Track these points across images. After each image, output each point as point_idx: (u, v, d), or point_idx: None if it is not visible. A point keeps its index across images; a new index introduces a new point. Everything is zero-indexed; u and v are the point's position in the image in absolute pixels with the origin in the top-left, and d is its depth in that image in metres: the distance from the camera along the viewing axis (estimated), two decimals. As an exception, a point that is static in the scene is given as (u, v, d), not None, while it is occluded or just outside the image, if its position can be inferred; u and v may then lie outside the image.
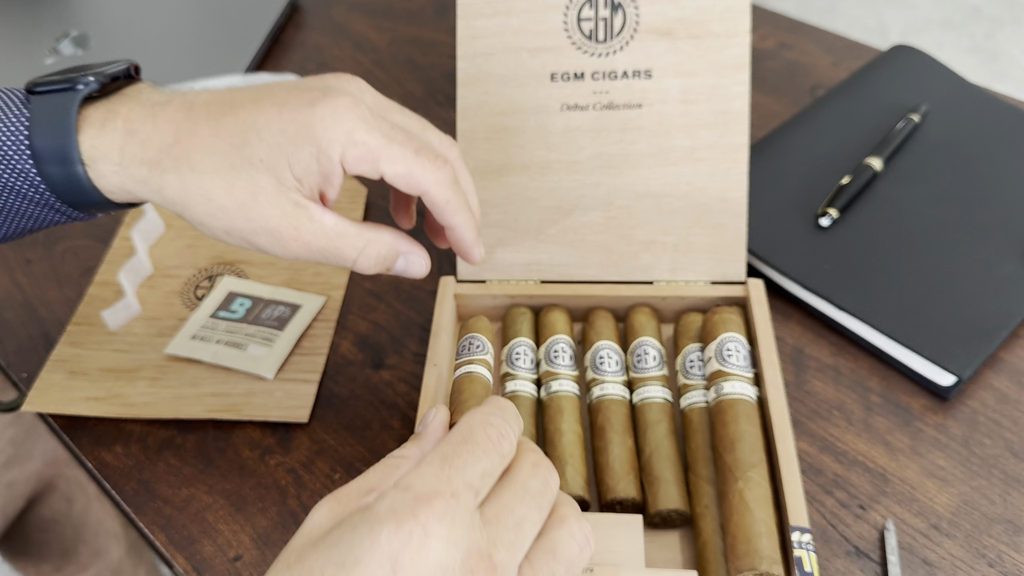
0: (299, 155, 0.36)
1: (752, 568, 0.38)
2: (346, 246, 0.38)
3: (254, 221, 0.36)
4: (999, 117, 0.64)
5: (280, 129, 0.36)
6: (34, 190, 0.39)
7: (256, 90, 0.38)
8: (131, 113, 0.37)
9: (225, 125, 0.36)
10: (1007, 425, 0.48)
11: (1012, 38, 2.08)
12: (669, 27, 0.51)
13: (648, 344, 0.49)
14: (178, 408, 0.51)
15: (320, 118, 0.35)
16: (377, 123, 0.36)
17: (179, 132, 0.37)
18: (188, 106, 0.37)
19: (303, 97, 0.36)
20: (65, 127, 0.37)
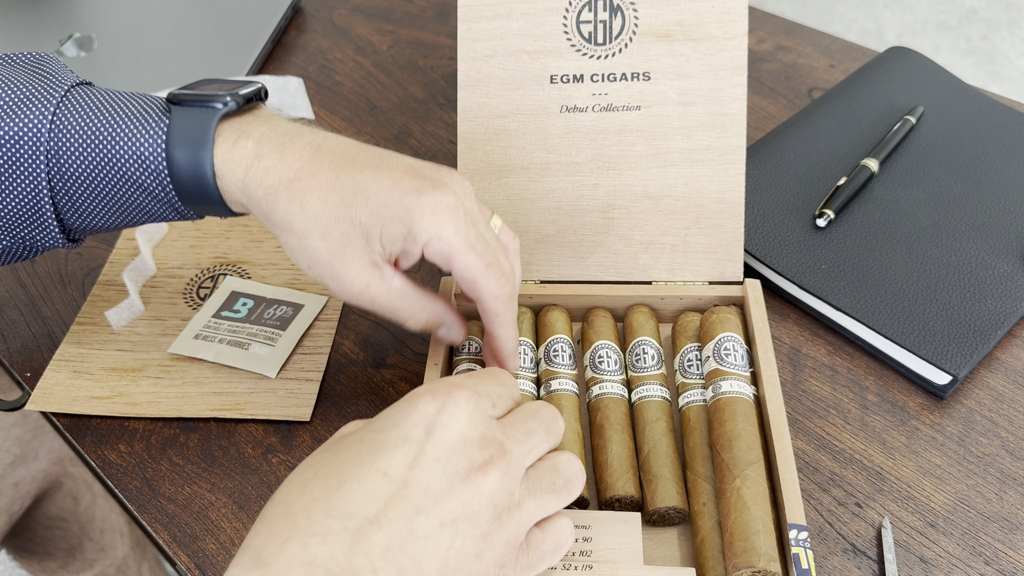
0: (392, 230, 0.40)
1: (750, 565, 0.39)
2: (403, 308, 0.43)
3: (335, 268, 0.41)
4: (995, 118, 0.64)
5: (386, 203, 0.40)
6: (163, 190, 0.43)
7: (378, 157, 0.42)
8: (262, 136, 0.41)
9: (343, 181, 0.40)
10: (1003, 424, 0.49)
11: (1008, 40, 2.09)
12: (667, 30, 0.51)
13: (646, 343, 0.50)
14: (181, 407, 0.51)
15: (421, 207, 0.40)
16: (465, 230, 0.40)
17: (301, 170, 0.40)
18: (316, 148, 0.41)
19: (415, 183, 0.40)
20: (203, 140, 0.41)
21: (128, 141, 0.42)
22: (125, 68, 0.77)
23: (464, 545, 0.33)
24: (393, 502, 0.32)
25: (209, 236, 0.62)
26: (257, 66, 0.78)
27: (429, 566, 0.32)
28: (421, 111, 0.74)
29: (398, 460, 0.33)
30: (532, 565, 0.36)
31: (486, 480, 0.34)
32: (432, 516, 0.33)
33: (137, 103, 0.43)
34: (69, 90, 0.43)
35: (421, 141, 0.71)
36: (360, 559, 0.31)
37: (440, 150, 0.70)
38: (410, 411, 0.35)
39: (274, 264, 0.60)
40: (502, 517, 0.34)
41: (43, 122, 0.42)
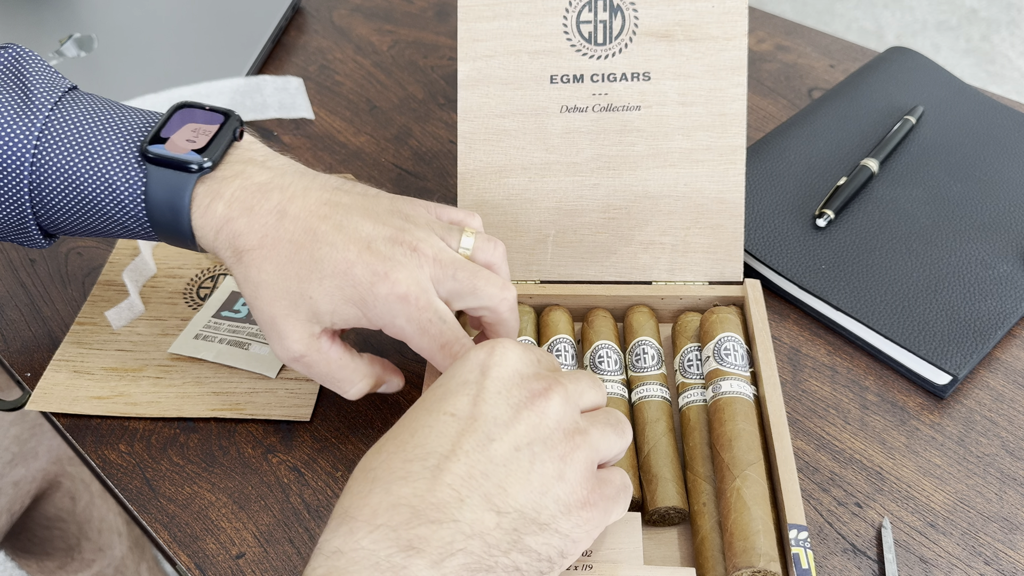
0: (346, 312, 0.42)
1: (749, 565, 0.39)
2: (342, 377, 0.45)
3: (277, 332, 0.43)
4: (995, 118, 0.64)
5: (339, 287, 0.41)
6: (142, 229, 0.45)
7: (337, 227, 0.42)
8: (233, 199, 0.43)
9: (301, 257, 0.42)
10: (1003, 424, 0.49)
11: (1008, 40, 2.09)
12: (667, 30, 0.51)
13: (646, 343, 0.50)
14: (181, 407, 0.51)
15: (374, 297, 0.41)
16: (419, 315, 0.41)
17: (264, 239, 0.42)
18: (281, 213, 0.42)
19: (370, 267, 0.41)
20: (179, 206, 0.43)
21: (108, 188, 0.44)
22: (125, 68, 0.77)
23: (544, 468, 0.34)
24: (465, 435, 0.34)
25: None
26: (257, 66, 0.78)
27: (515, 490, 0.34)
28: (421, 111, 0.74)
29: (461, 401, 0.36)
30: (613, 496, 0.37)
31: (549, 404, 0.36)
32: (505, 441, 0.34)
33: (115, 139, 0.44)
34: (50, 114, 0.44)
35: (421, 141, 0.71)
36: (444, 491, 0.33)
37: (440, 150, 0.70)
38: (463, 362, 0.38)
39: (274, 264, 0.60)
40: (574, 438, 0.36)
41: (25, 153, 0.43)
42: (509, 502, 0.33)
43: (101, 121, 0.45)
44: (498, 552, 0.33)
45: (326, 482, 0.48)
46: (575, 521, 0.35)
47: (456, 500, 0.33)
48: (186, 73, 0.75)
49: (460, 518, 0.32)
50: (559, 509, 0.34)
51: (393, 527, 0.32)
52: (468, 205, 0.54)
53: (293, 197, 0.43)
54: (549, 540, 0.34)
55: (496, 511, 0.33)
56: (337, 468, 0.49)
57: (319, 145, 0.71)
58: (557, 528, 0.34)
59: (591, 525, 0.35)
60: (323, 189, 0.44)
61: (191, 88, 0.72)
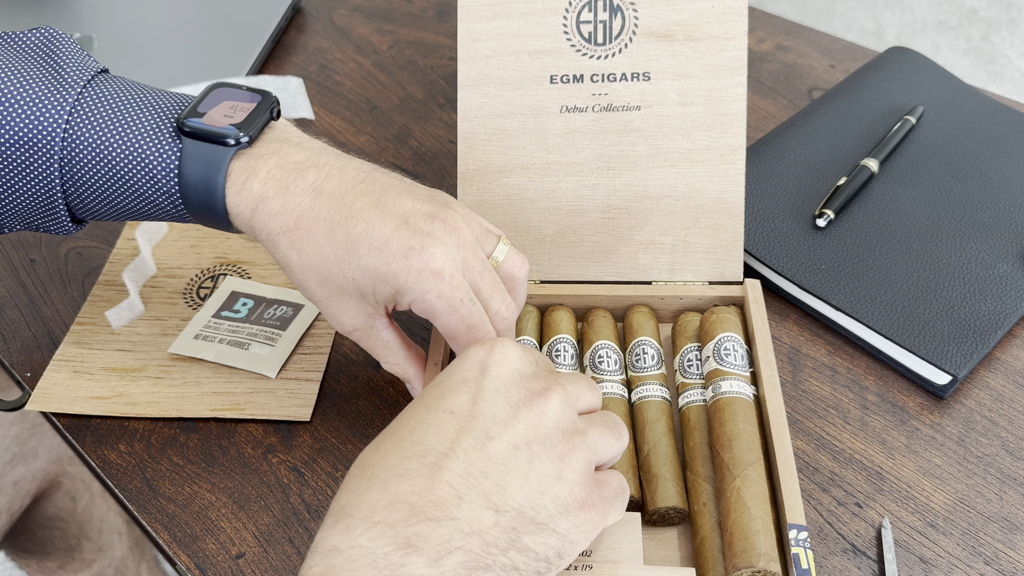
0: (382, 288, 0.42)
1: (749, 565, 0.39)
2: (384, 356, 0.46)
3: (329, 311, 0.44)
4: (995, 118, 0.64)
5: (375, 265, 0.41)
6: (174, 207, 0.44)
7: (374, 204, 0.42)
8: (269, 177, 0.42)
9: (337, 235, 0.41)
10: (1003, 424, 0.49)
11: (1008, 40, 2.09)
12: (667, 30, 0.51)
13: (646, 343, 0.50)
14: (181, 407, 0.51)
15: (407, 272, 0.40)
16: (450, 293, 0.41)
17: (300, 219, 0.42)
18: (316, 192, 0.42)
19: (405, 241, 0.41)
20: (214, 180, 0.42)
21: (142, 163, 0.43)
22: (125, 68, 0.77)
23: (543, 467, 0.34)
24: (464, 433, 0.34)
25: (209, 236, 0.62)
26: (257, 66, 0.78)
27: (513, 489, 0.34)
28: (421, 111, 0.74)
29: (460, 399, 0.36)
30: (610, 498, 0.37)
31: (548, 403, 0.36)
32: (504, 440, 0.34)
33: (149, 116, 0.43)
34: (82, 91, 0.43)
35: (421, 141, 0.71)
36: (443, 489, 0.33)
37: (440, 150, 0.70)
38: (463, 360, 0.37)
39: (274, 264, 0.60)
40: (572, 438, 0.36)
41: (57, 130, 0.43)
42: (508, 501, 0.33)
43: (135, 99, 0.44)
44: (496, 551, 0.33)
45: (326, 482, 0.48)
46: (573, 522, 0.35)
47: (455, 498, 0.33)
48: (186, 73, 0.75)
49: (459, 516, 0.32)
50: (557, 509, 0.34)
51: (391, 524, 0.32)
52: (468, 205, 0.54)
53: (329, 176, 0.42)
54: (547, 540, 0.34)
55: (495, 509, 0.33)
56: (337, 468, 0.49)
57: (319, 145, 0.71)
58: (555, 528, 0.34)
59: (589, 526, 0.35)
60: (360, 169, 0.43)
61: (191, 88, 0.72)
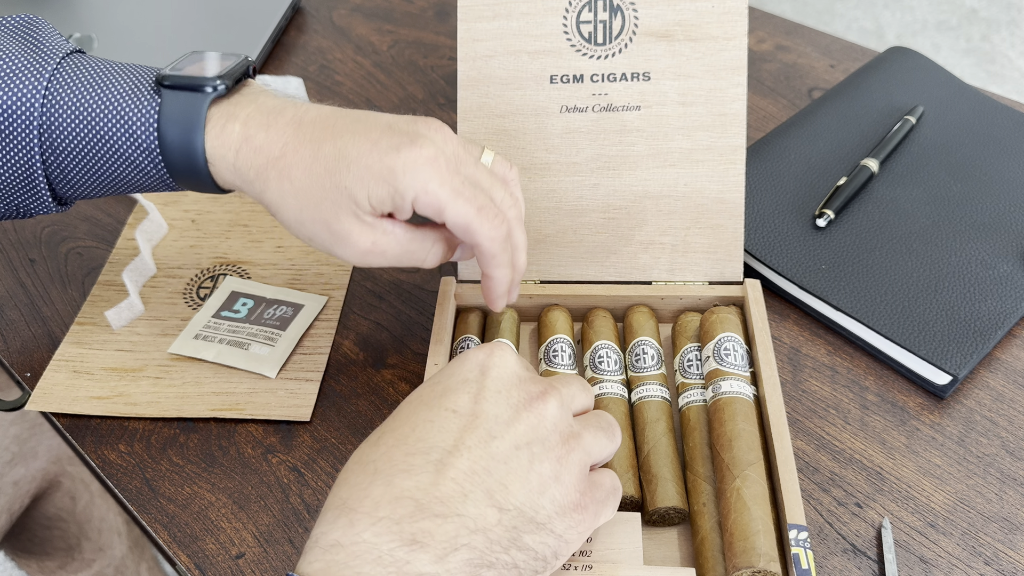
0: (378, 190, 0.41)
1: (749, 565, 0.39)
2: (416, 249, 0.44)
3: (336, 235, 0.42)
4: (995, 118, 0.64)
5: (367, 165, 0.40)
6: (155, 167, 0.44)
7: (356, 120, 0.42)
8: (249, 119, 0.42)
9: (324, 151, 0.41)
10: (1003, 424, 0.49)
11: (1008, 40, 2.09)
12: (667, 30, 0.51)
13: (646, 343, 0.50)
14: (181, 407, 0.51)
15: (402, 164, 0.40)
16: (450, 178, 0.41)
17: (286, 146, 0.42)
18: (298, 122, 0.42)
19: (392, 140, 0.41)
20: (194, 125, 0.42)
21: (121, 120, 0.43)
22: (125, 68, 0.77)
23: (542, 468, 0.35)
24: (467, 431, 0.35)
25: (209, 236, 0.62)
26: (257, 66, 0.78)
27: (515, 488, 0.34)
28: (421, 111, 0.74)
29: (462, 398, 0.36)
30: (603, 500, 0.37)
31: (546, 407, 0.37)
32: (506, 440, 0.35)
33: (128, 79, 0.44)
34: (61, 61, 0.44)
35: (421, 141, 0.71)
36: (448, 485, 0.33)
37: (440, 150, 0.70)
38: (463, 360, 0.38)
39: (274, 264, 0.60)
40: (569, 442, 0.36)
41: (35, 96, 0.43)
42: (510, 499, 0.34)
43: (112, 67, 0.45)
44: (499, 549, 0.33)
45: (326, 482, 0.48)
46: (568, 523, 0.35)
47: (460, 495, 0.33)
48: (186, 73, 0.75)
49: (464, 512, 0.33)
50: (555, 510, 0.35)
51: (396, 520, 0.32)
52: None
53: (308, 109, 0.43)
54: (545, 540, 0.34)
55: (498, 508, 0.33)
56: (337, 468, 0.49)
57: (319, 145, 0.71)
58: (552, 528, 0.35)
59: (582, 527, 0.36)
60: (335, 106, 0.44)
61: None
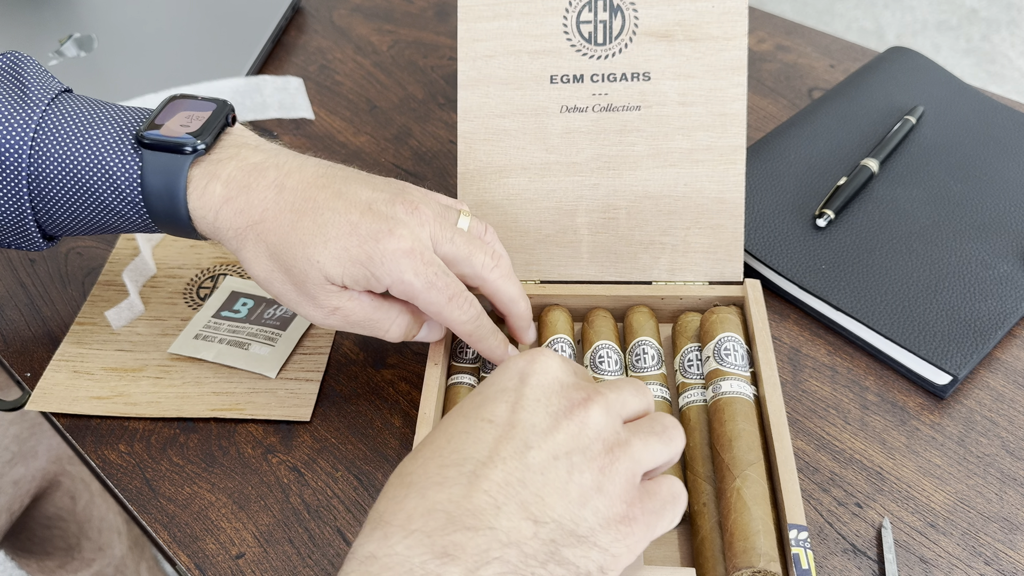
0: (354, 271, 0.42)
1: (750, 566, 0.39)
2: (379, 318, 0.44)
3: (303, 299, 0.43)
4: (995, 118, 0.64)
5: (345, 247, 0.42)
6: (139, 217, 0.45)
7: (337, 195, 0.43)
8: (231, 179, 0.43)
9: (304, 223, 0.42)
10: (1003, 424, 0.49)
11: (1008, 40, 2.09)
12: (667, 30, 0.51)
13: (647, 343, 0.50)
14: (181, 407, 0.51)
15: (380, 254, 0.42)
16: (424, 269, 0.42)
17: (266, 212, 0.43)
18: (279, 187, 0.43)
19: (371, 226, 0.42)
20: (175, 187, 0.43)
21: (106, 174, 0.44)
22: (125, 68, 0.77)
23: (583, 478, 0.34)
24: (502, 442, 0.34)
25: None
26: (257, 66, 0.78)
27: (552, 500, 0.33)
28: (421, 111, 0.74)
29: (500, 408, 0.35)
30: (657, 510, 0.35)
31: (589, 414, 0.35)
32: (544, 450, 0.34)
33: (112, 130, 0.45)
34: (46, 108, 0.45)
35: (421, 141, 0.71)
36: (481, 498, 0.32)
37: (440, 150, 0.70)
38: (503, 370, 0.37)
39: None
40: (614, 451, 0.35)
41: (23, 147, 0.44)
42: (547, 512, 0.32)
43: (96, 114, 0.45)
44: (535, 563, 0.32)
45: (326, 482, 0.48)
46: (614, 535, 0.33)
47: (493, 507, 0.32)
48: (186, 73, 0.75)
49: (496, 526, 0.32)
50: (598, 522, 0.33)
51: (428, 533, 0.31)
52: (468, 205, 0.54)
53: (290, 173, 0.44)
54: (588, 554, 0.33)
55: (533, 520, 0.32)
56: (337, 468, 0.49)
57: (319, 145, 0.71)
58: (596, 542, 0.33)
59: (632, 540, 0.34)
60: (318, 165, 0.45)
61: (191, 88, 0.72)
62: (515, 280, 0.46)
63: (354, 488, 0.48)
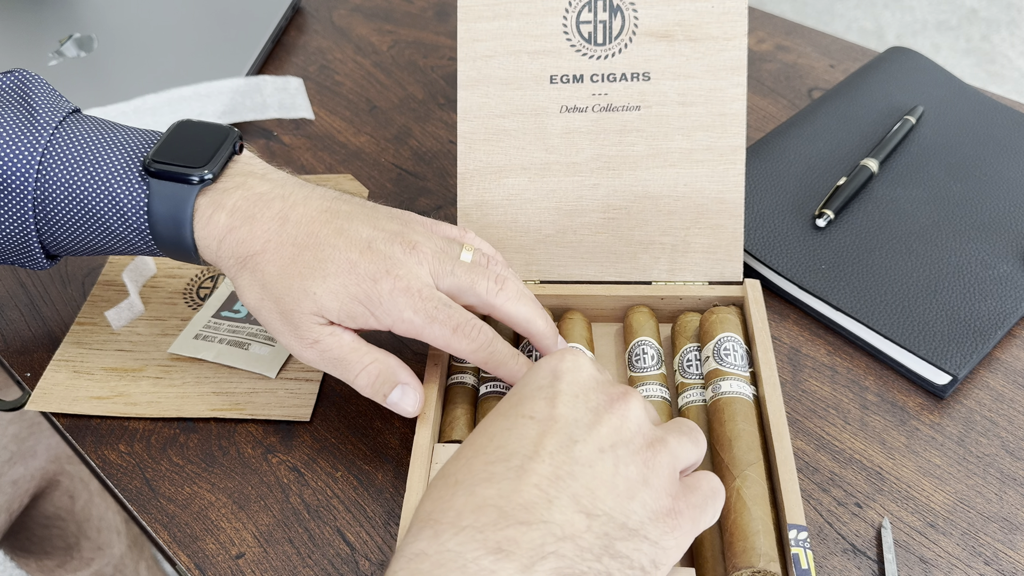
0: (351, 308, 0.42)
1: (749, 566, 0.39)
2: (354, 360, 0.43)
3: (288, 323, 0.43)
4: (995, 118, 0.64)
5: (344, 284, 0.42)
6: (144, 243, 0.46)
7: (339, 232, 0.43)
8: (235, 209, 0.44)
9: (304, 257, 0.43)
10: (1003, 424, 0.49)
11: (1008, 40, 2.09)
12: (667, 30, 0.51)
13: (646, 343, 0.50)
14: (181, 407, 0.51)
15: (379, 294, 0.42)
16: (424, 304, 0.42)
17: (268, 243, 0.43)
18: (283, 219, 0.44)
19: (371, 267, 0.42)
20: (181, 218, 0.44)
21: (113, 201, 0.45)
22: (125, 68, 0.77)
23: (629, 471, 0.33)
24: (547, 436, 0.33)
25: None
26: (257, 66, 0.78)
27: (602, 492, 0.33)
28: (421, 111, 0.74)
29: (538, 404, 0.35)
30: (700, 504, 0.35)
31: (629, 408, 0.35)
32: (589, 443, 0.34)
33: (119, 155, 0.45)
34: (54, 132, 0.45)
35: (421, 141, 0.71)
36: (531, 492, 0.32)
37: (440, 150, 0.70)
38: (534, 371, 0.37)
39: (274, 264, 0.60)
40: (654, 445, 0.35)
41: (30, 171, 0.44)
42: (598, 505, 0.32)
43: (104, 139, 0.46)
44: (590, 556, 0.31)
45: (326, 482, 0.48)
46: (663, 528, 0.33)
47: (544, 501, 0.32)
48: (186, 73, 0.75)
49: (550, 519, 0.31)
50: (647, 515, 0.33)
51: (479, 528, 0.31)
52: (468, 205, 0.54)
53: (295, 205, 0.44)
54: (640, 546, 0.32)
55: (586, 513, 0.32)
56: (337, 468, 0.49)
57: (319, 145, 0.71)
58: (646, 535, 0.33)
59: (679, 533, 0.34)
60: (323, 198, 0.45)
61: (191, 88, 0.72)
62: (527, 300, 0.46)
63: (354, 488, 0.48)
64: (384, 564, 0.44)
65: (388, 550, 0.45)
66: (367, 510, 0.47)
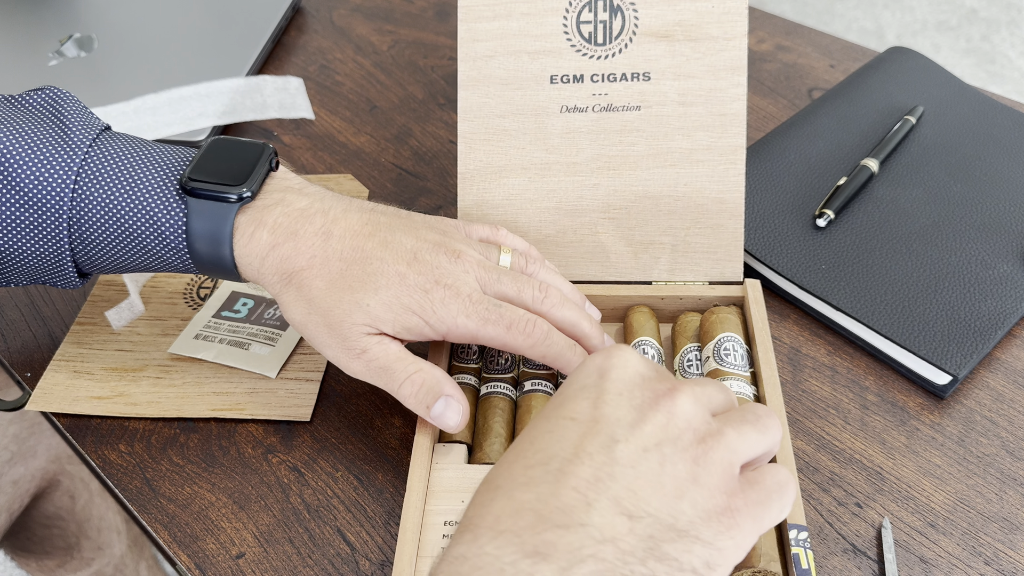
0: (406, 320, 0.43)
1: (750, 566, 0.39)
2: (399, 369, 0.43)
3: (333, 339, 0.43)
4: (995, 118, 0.64)
5: (397, 296, 0.43)
6: (182, 262, 0.46)
7: (384, 244, 0.44)
8: (277, 225, 0.44)
9: (353, 271, 0.43)
10: (1003, 424, 0.49)
11: (1008, 40, 2.09)
12: (667, 30, 0.51)
13: (646, 343, 0.50)
14: (181, 407, 0.51)
15: (431, 304, 0.43)
16: (476, 310, 0.43)
17: (313, 259, 0.43)
18: (326, 234, 0.44)
19: (419, 278, 0.43)
20: (221, 237, 0.44)
21: (150, 220, 0.44)
22: (125, 68, 0.77)
23: (676, 470, 0.32)
24: (587, 437, 0.33)
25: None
26: (257, 66, 0.78)
27: (646, 493, 0.31)
28: (421, 111, 0.74)
29: (581, 405, 0.34)
30: (763, 501, 0.33)
31: (677, 403, 0.33)
32: (632, 443, 0.32)
33: (155, 173, 0.45)
34: (88, 150, 0.45)
35: (421, 141, 0.71)
36: (570, 495, 0.31)
37: (440, 150, 0.70)
38: (581, 368, 0.36)
39: (274, 264, 0.60)
40: (707, 440, 0.33)
41: (65, 189, 0.44)
42: (641, 506, 0.31)
43: (139, 156, 0.45)
44: (634, 560, 0.30)
45: (326, 482, 0.48)
46: (717, 528, 0.31)
47: (583, 504, 0.31)
48: (186, 73, 0.75)
49: (588, 522, 0.30)
50: (698, 515, 0.31)
51: (517, 532, 0.30)
52: (468, 205, 0.54)
53: (336, 219, 0.44)
54: (690, 548, 0.31)
55: (628, 516, 0.31)
56: (337, 468, 0.49)
57: (319, 145, 0.71)
58: (698, 535, 0.31)
59: (737, 532, 0.32)
60: (361, 210, 0.45)
61: (191, 88, 0.72)
62: (570, 304, 0.46)
63: (354, 488, 0.48)
64: (384, 564, 0.44)
65: (388, 550, 0.45)
66: (367, 510, 0.47)
